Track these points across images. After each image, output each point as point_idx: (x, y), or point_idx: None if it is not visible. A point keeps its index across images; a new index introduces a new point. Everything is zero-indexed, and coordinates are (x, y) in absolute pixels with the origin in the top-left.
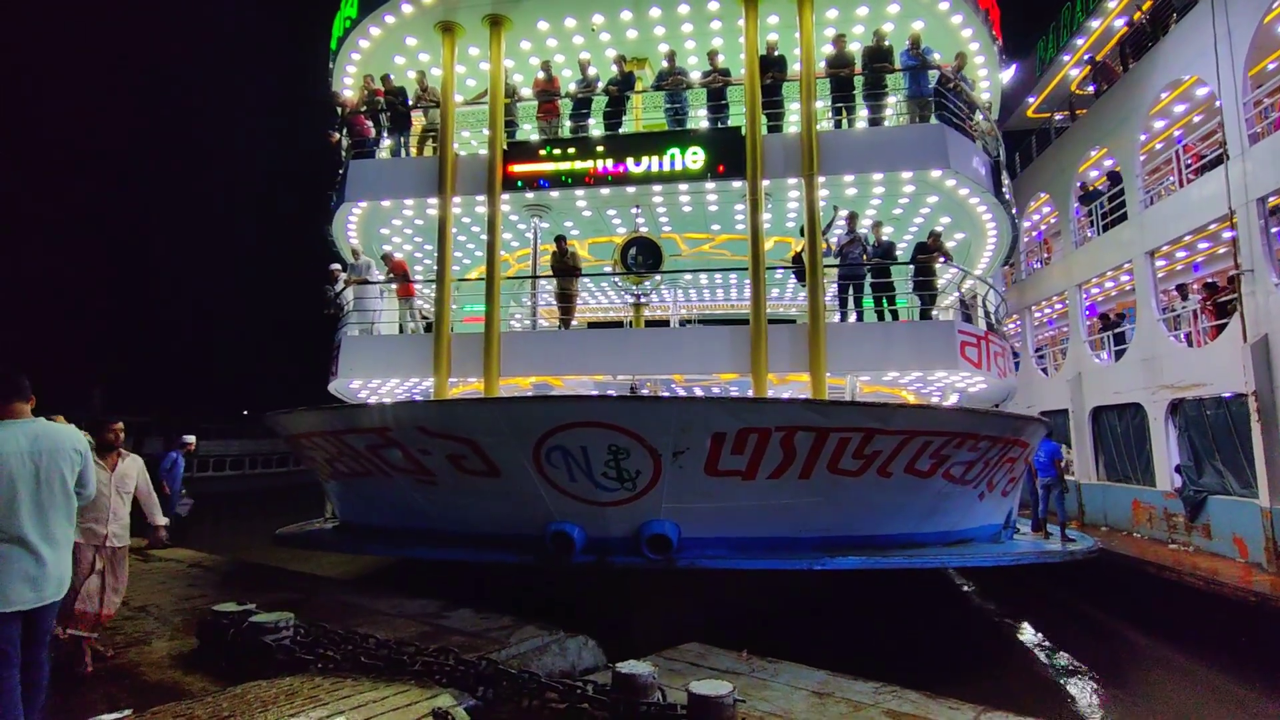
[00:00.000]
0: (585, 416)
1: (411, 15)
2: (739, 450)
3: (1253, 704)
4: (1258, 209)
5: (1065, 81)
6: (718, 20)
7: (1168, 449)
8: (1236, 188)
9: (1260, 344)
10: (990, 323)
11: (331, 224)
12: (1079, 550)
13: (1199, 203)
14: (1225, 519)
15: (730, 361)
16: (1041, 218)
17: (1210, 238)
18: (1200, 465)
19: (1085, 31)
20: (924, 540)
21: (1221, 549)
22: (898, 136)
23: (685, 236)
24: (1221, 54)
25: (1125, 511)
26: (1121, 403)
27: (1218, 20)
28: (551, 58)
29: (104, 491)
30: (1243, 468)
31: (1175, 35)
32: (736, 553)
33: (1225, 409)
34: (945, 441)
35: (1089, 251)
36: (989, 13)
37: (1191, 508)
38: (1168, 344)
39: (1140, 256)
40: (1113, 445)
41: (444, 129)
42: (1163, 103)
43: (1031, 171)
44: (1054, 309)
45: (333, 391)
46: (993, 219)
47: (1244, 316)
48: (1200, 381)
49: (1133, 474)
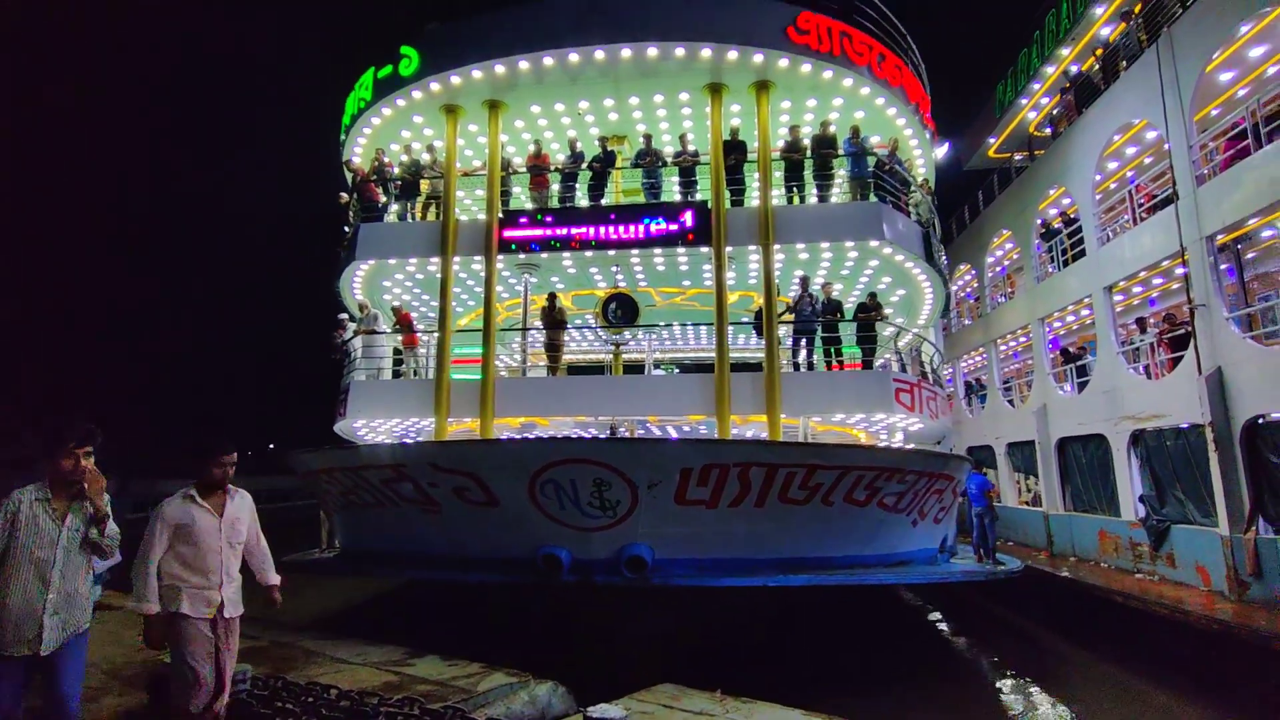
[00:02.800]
0: (575, 454)
1: (420, 100)
2: (703, 483)
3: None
4: (1207, 247)
5: (1024, 123)
6: (688, 107)
7: (1131, 479)
8: (1187, 226)
9: (1214, 376)
10: (924, 371)
11: (339, 279)
12: (1002, 571)
13: (1152, 240)
14: (1188, 548)
15: (698, 405)
16: (1004, 253)
17: (1164, 274)
18: (1162, 495)
19: (1041, 77)
20: (867, 561)
21: (1186, 578)
22: (841, 212)
23: (660, 290)
24: (1169, 100)
25: (1092, 541)
26: (1085, 434)
27: (1164, 68)
28: (542, 135)
29: (212, 545)
30: (1203, 497)
31: (1125, 81)
32: (702, 572)
33: (1184, 439)
34: (876, 475)
35: (1050, 287)
36: (919, 105)
37: (1155, 537)
38: (1127, 376)
39: (1098, 291)
40: (1078, 476)
41: (447, 197)
42: (1115, 145)
43: (994, 209)
44: (1019, 342)
45: (338, 431)
46: (927, 279)
47: (1198, 350)
48: (1159, 412)
49: (1098, 504)
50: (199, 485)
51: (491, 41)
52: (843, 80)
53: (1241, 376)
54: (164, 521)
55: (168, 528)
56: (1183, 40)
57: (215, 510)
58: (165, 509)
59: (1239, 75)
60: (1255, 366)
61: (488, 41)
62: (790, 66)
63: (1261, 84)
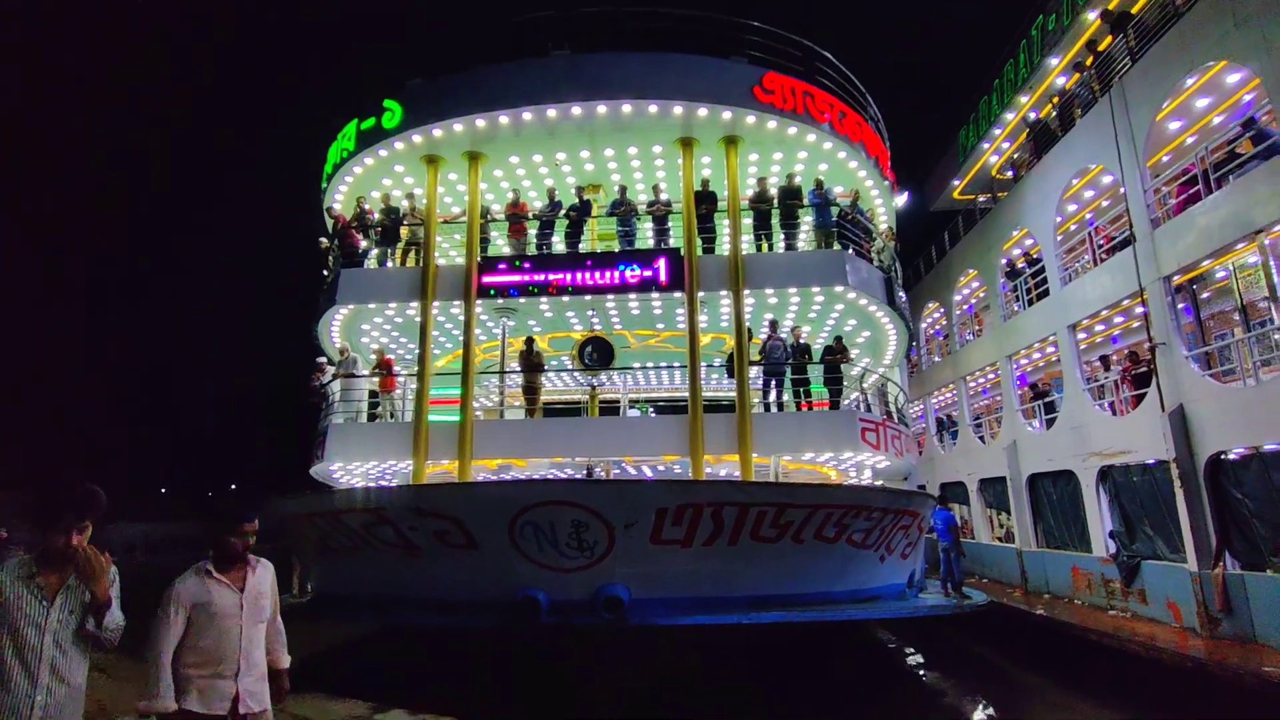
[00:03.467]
0: (555, 496)
1: (402, 150)
2: (678, 522)
3: None
4: (1165, 287)
5: (986, 167)
6: (660, 159)
7: (1101, 515)
8: (1145, 267)
9: (1177, 413)
10: (890, 410)
11: (319, 323)
12: (968, 605)
13: (1112, 280)
14: (1158, 584)
15: (672, 445)
16: (971, 292)
17: (1124, 312)
18: (1132, 531)
19: (1001, 123)
20: (837, 597)
21: (1157, 614)
22: (808, 259)
23: (635, 333)
24: (1123, 147)
25: (1065, 578)
26: (1055, 470)
27: (1117, 117)
28: (520, 184)
29: (232, 626)
30: (1171, 533)
31: (1081, 128)
32: (678, 611)
33: (1150, 475)
34: (844, 512)
35: (1016, 325)
36: (878, 158)
37: (1126, 573)
38: (1093, 413)
39: (1063, 330)
40: (1050, 512)
41: (427, 245)
42: (1074, 188)
43: (960, 250)
44: (987, 379)
45: (314, 474)
46: (890, 322)
47: (1160, 387)
48: (1125, 449)
49: (1070, 540)
50: (216, 557)
51: (473, 97)
52: (806, 136)
53: (1203, 413)
54: (178, 603)
55: (183, 610)
56: (1134, 91)
57: (235, 585)
58: (179, 589)
59: (1186, 124)
60: (1215, 403)
61: (469, 97)
62: (757, 123)
63: (1208, 132)
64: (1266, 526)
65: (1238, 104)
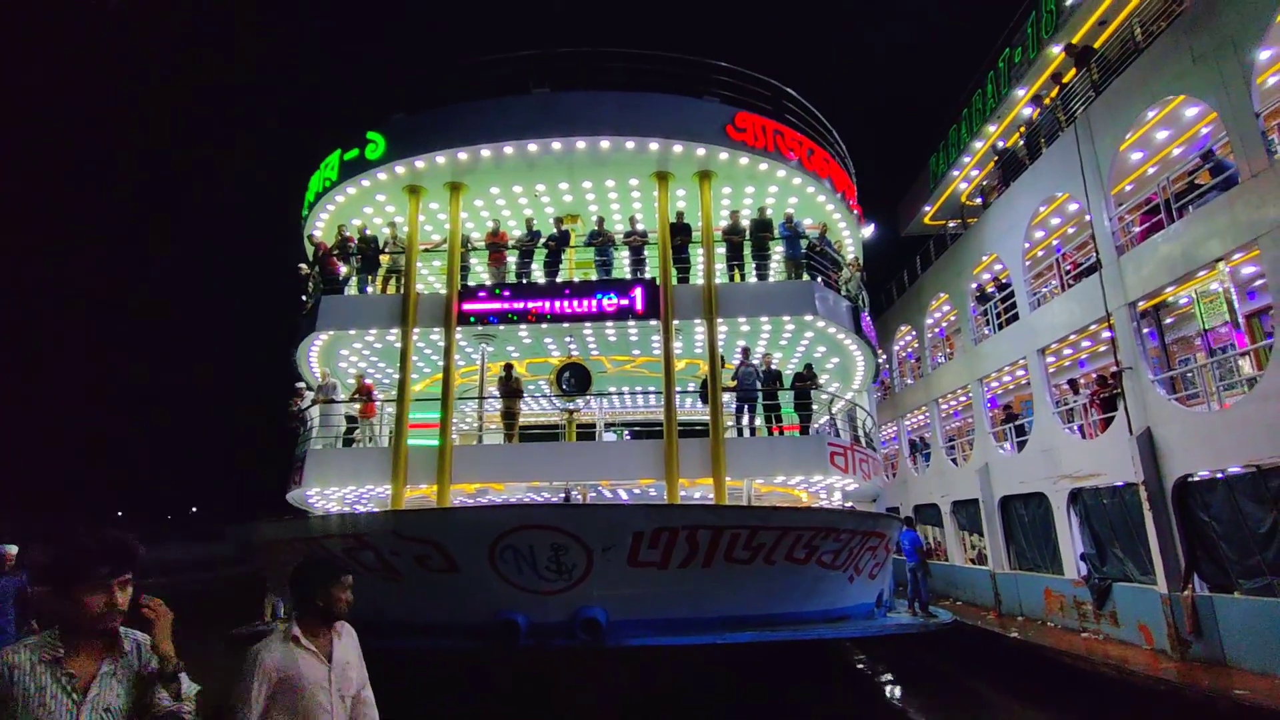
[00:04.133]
0: (535, 520)
1: (385, 181)
2: (654, 545)
3: None
4: (1130, 313)
5: (956, 193)
6: (637, 192)
7: (1072, 537)
8: (1111, 293)
9: (1144, 436)
10: (858, 435)
11: (297, 348)
12: (933, 624)
13: (1079, 306)
14: (1129, 606)
15: (648, 469)
16: (942, 315)
17: (1091, 337)
18: (1102, 553)
19: (970, 151)
20: (808, 617)
21: (1129, 636)
22: (778, 289)
23: (611, 358)
24: (1089, 176)
25: (1038, 600)
26: (1027, 492)
27: (1083, 147)
28: (500, 214)
29: (321, 702)
30: (1141, 555)
31: (1047, 158)
32: (655, 632)
33: (1120, 497)
34: (813, 534)
35: (987, 349)
36: (845, 193)
37: (1098, 595)
38: (1063, 436)
39: (1032, 354)
40: (1022, 534)
41: (409, 273)
42: (1041, 215)
43: (931, 274)
44: (959, 401)
45: (290, 500)
46: (857, 349)
47: (1128, 410)
48: (1095, 471)
49: (1042, 562)
50: (304, 622)
51: (456, 131)
52: (777, 171)
53: (1170, 436)
54: (264, 675)
55: (267, 683)
56: (1098, 122)
57: (322, 655)
58: (264, 658)
59: (1148, 155)
60: (1181, 427)
61: (452, 131)
62: (730, 159)
63: (1168, 163)
64: (1234, 549)
65: (1196, 136)
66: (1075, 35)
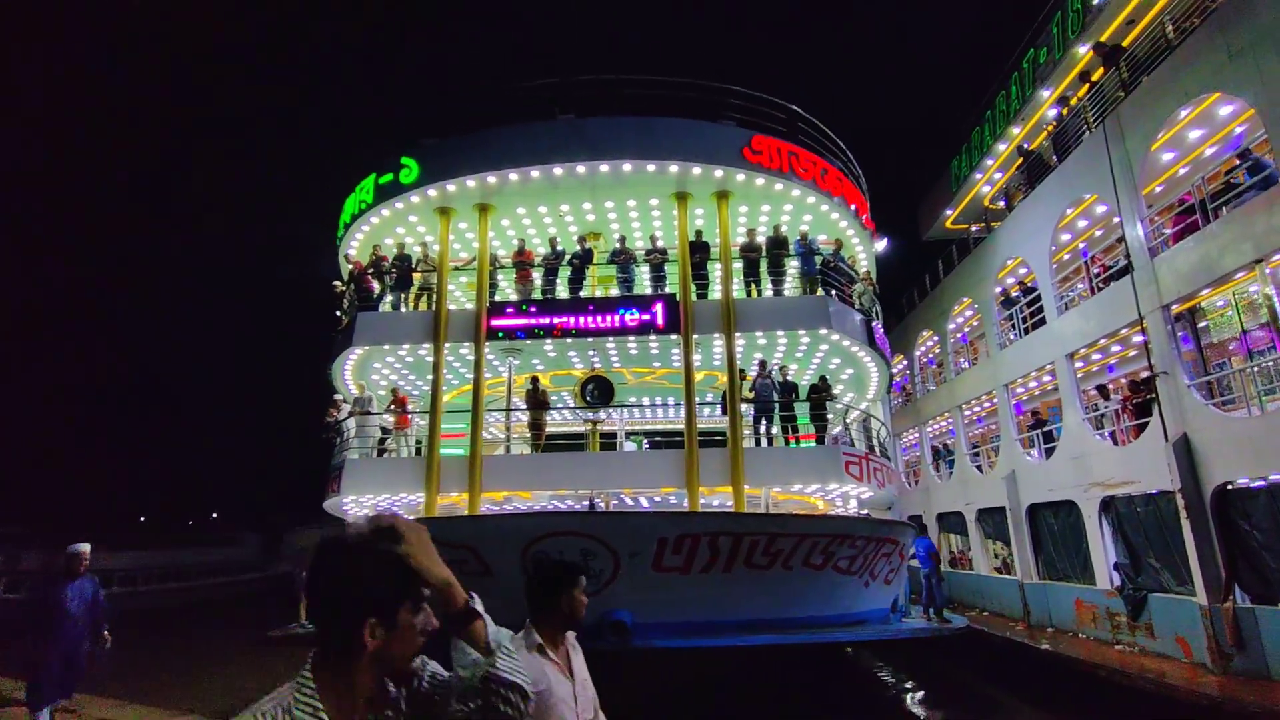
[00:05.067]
0: (565, 527)
1: (417, 203)
2: (678, 551)
3: None
4: (1164, 316)
5: (979, 197)
6: (657, 211)
7: (1104, 546)
8: (1144, 296)
9: (1180, 442)
10: (872, 444)
11: (333, 362)
12: (947, 628)
13: (1110, 309)
14: (1166, 618)
15: (669, 477)
16: (965, 320)
17: (1122, 341)
18: (1137, 563)
19: (994, 153)
20: (825, 621)
21: (1166, 649)
22: (793, 305)
23: (632, 370)
24: (1119, 177)
25: (1069, 611)
26: (1056, 500)
27: (1113, 147)
28: (525, 232)
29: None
30: (1177, 565)
31: (1075, 159)
32: (679, 634)
33: (1155, 505)
34: (829, 541)
35: (1013, 354)
36: (857, 209)
37: (1133, 607)
38: (1094, 443)
39: (1060, 359)
40: (1051, 543)
41: (440, 290)
42: (1068, 217)
43: (954, 278)
44: (983, 407)
45: (327, 508)
46: (871, 360)
47: (1163, 416)
48: (1128, 479)
49: (1072, 572)
50: (545, 631)
51: (485, 156)
52: (791, 191)
53: (1208, 443)
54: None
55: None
56: (1128, 122)
57: (564, 669)
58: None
59: (1179, 155)
60: (1220, 433)
61: (482, 156)
62: (746, 180)
63: (1201, 164)
64: (1277, 559)
65: (1230, 135)
66: (1103, 34)
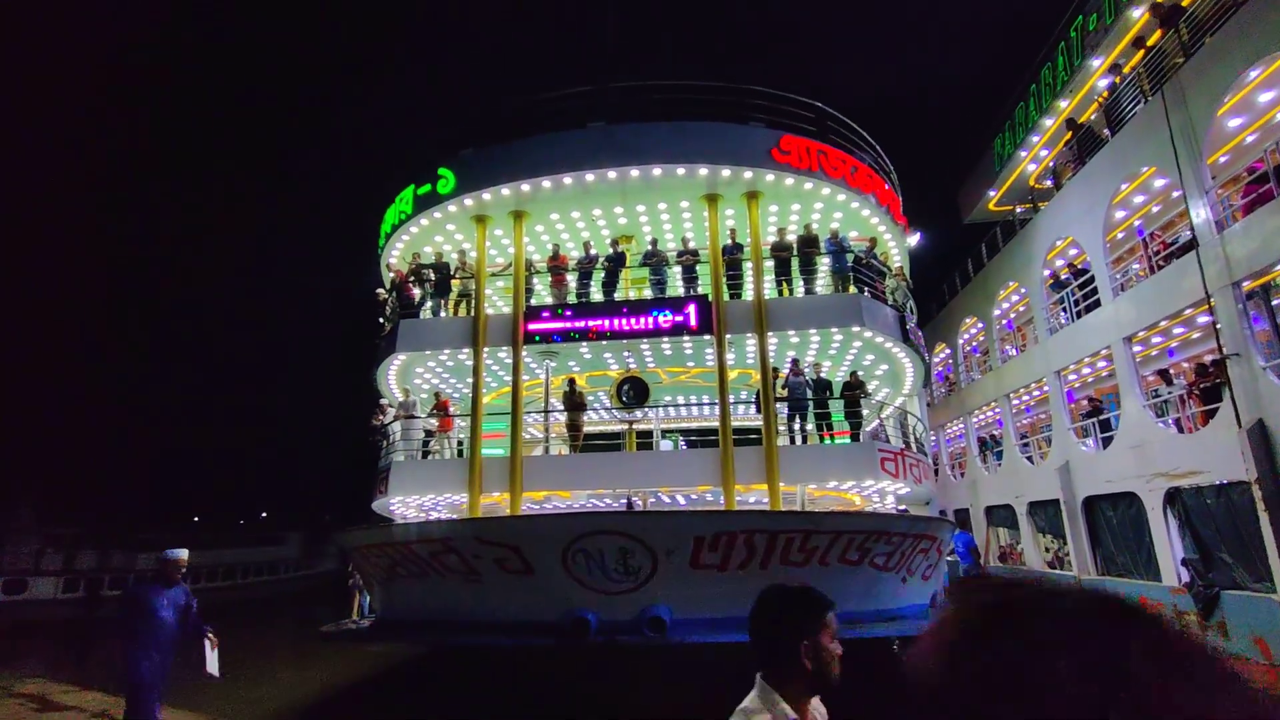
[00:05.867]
0: (605, 526)
1: (455, 213)
2: (715, 549)
3: None
4: (1234, 294)
5: (1024, 176)
6: (688, 213)
7: (1170, 541)
8: (1212, 273)
9: (1255, 429)
10: (908, 440)
11: (377, 368)
12: None
13: (1173, 288)
14: (1242, 617)
15: (705, 476)
16: (1012, 305)
17: (1185, 323)
18: (1207, 558)
19: (1040, 129)
20: (862, 617)
21: (1242, 649)
22: (825, 303)
23: (666, 370)
24: (1181, 147)
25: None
26: (1115, 492)
27: (1173, 114)
28: (559, 237)
29: None
30: (1253, 560)
31: (1131, 130)
32: (714, 630)
33: (1226, 496)
34: (865, 537)
35: (1064, 339)
36: (889, 207)
37: (1204, 604)
38: (1157, 430)
39: (1118, 342)
40: (1109, 537)
41: (478, 297)
42: (1123, 193)
43: (999, 261)
44: (1031, 396)
45: (375, 509)
46: (905, 356)
47: (1235, 401)
48: (1196, 469)
49: (1134, 568)
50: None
51: (519, 165)
52: (821, 190)
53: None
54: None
55: None
56: (1191, 86)
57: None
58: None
59: (1248, 120)
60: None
61: (516, 165)
62: (776, 180)
63: (1271, 130)
64: None
65: None
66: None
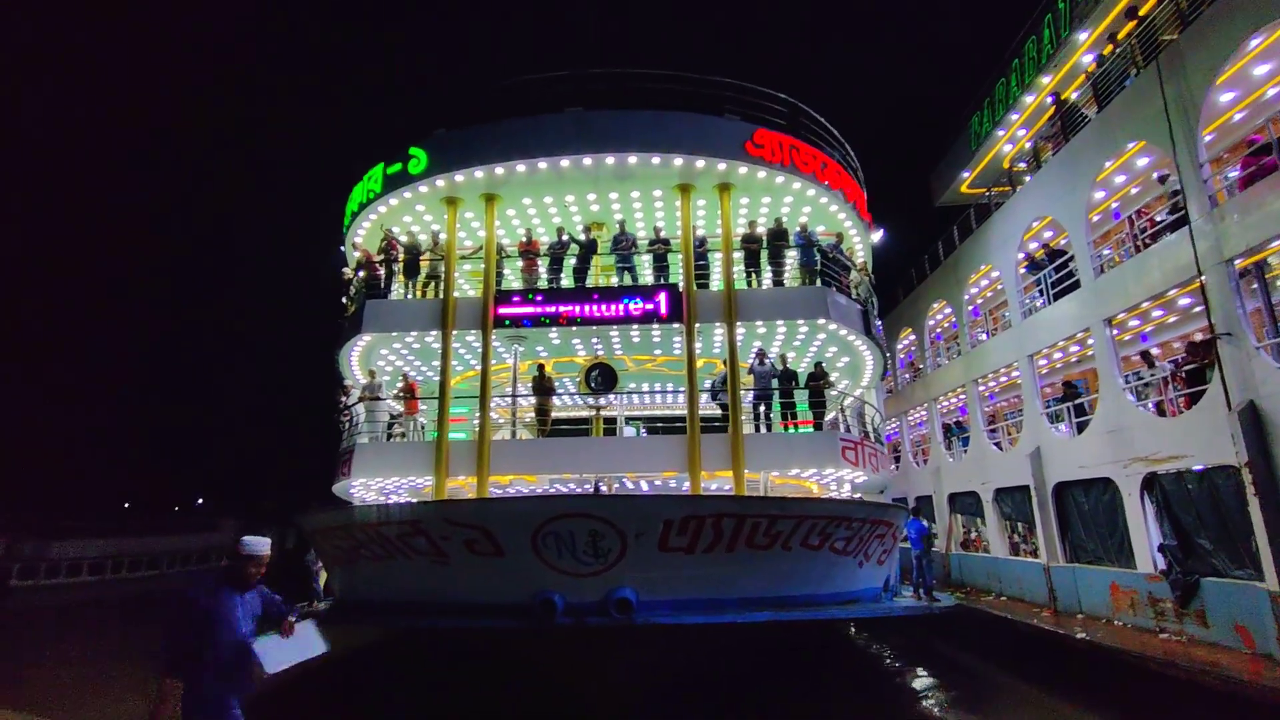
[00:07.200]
0: (576, 509)
1: (425, 193)
2: (683, 532)
3: None
4: (1227, 272)
5: (999, 156)
6: (660, 202)
7: (1146, 527)
8: (1205, 250)
9: (1247, 410)
10: (867, 430)
11: (340, 349)
12: (938, 607)
13: (1160, 267)
14: (1223, 605)
15: (671, 462)
16: (980, 290)
17: (1166, 305)
18: (1187, 545)
19: (1020, 106)
20: (821, 599)
21: (1221, 638)
22: (793, 295)
23: (633, 357)
24: (1175, 118)
25: (1102, 596)
26: (1088, 478)
27: (1167, 85)
28: (531, 222)
29: None
30: (1236, 546)
31: (1121, 102)
32: (681, 611)
33: (1208, 481)
34: (826, 522)
35: (1039, 321)
36: (856, 203)
37: (1182, 592)
38: (1136, 414)
39: (1097, 324)
40: (1080, 524)
41: (448, 279)
42: (1106, 171)
43: (972, 243)
44: (999, 381)
45: (335, 491)
46: (866, 349)
47: (1225, 382)
48: (1177, 453)
49: (1106, 555)
50: None
51: (494, 147)
52: (792, 184)
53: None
54: None
55: None
56: (1188, 55)
57: None
58: None
59: (1240, 95)
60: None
61: (491, 147)
62: (748, 173)
63: (1260, 107)
64: None
65: None
66: None
